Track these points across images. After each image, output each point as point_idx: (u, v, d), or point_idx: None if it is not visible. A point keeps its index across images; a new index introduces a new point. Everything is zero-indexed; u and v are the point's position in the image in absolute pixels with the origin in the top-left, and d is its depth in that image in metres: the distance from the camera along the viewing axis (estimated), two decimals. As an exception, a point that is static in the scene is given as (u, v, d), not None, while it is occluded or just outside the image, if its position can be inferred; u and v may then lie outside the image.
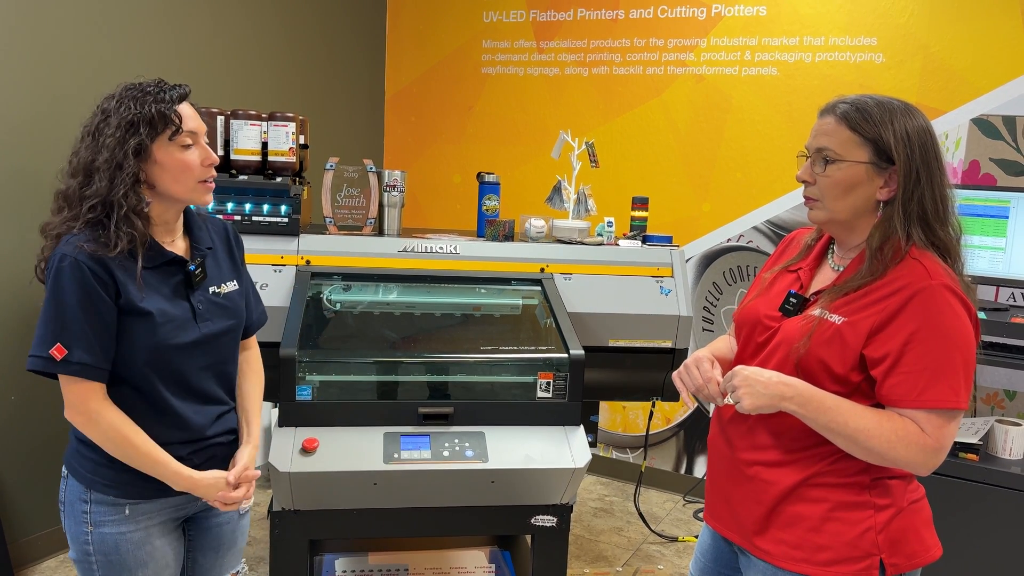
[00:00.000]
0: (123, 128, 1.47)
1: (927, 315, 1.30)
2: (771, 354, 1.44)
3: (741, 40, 3.69)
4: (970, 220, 2.87)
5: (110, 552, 1.56)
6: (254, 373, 1.80)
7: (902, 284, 1.33)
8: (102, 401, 1.50)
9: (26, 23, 2.77)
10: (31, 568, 2.92)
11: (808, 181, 1.42)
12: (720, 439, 1.55)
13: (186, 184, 1.54)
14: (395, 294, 2.56)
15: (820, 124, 1.42)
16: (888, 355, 1.32)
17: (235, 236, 1.77)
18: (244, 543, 1.83)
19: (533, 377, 2.24)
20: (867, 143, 1.36)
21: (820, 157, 1.40)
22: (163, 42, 3.27)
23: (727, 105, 3.72)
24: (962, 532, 2.62)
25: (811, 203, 1.43)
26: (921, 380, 1.30)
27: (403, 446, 2.12)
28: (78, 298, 1.45)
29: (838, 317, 1.37)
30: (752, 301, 1.54)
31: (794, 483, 1.42)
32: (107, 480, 1.55)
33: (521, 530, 2.34)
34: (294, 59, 3.94)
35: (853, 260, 1.42)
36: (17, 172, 2.80)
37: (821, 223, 1.46)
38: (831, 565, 1.39)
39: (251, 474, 1.66)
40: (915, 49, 3.37)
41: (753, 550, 1.47)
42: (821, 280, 1.48)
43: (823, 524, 1.39)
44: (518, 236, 2.76)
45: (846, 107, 1.39)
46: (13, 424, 2.86)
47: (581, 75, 4.05)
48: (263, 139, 2.61)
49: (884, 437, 1.31)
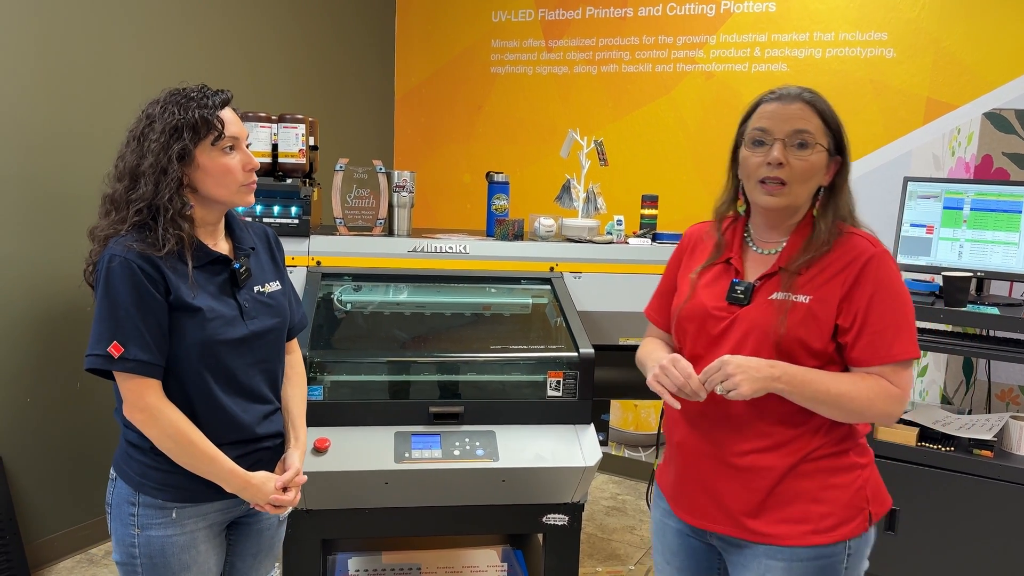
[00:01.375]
0: (167, 133, 1.50)
1: (879, 278, 1.43)
2: (741, 341, 1.48)
3: (751, 36, 3.68)
4: (983, 215, 2.85)
5: (155, 555, 1.58)
6: (298, 376, 1.82)
7: (854, 255, 1.44)
8: (160, 398, 1.52)
9: (41, 28, 2.79)
10: (48, 568, 2.94)
11: (783, 163, 1.45)
12: (696, 439, 1.54)
13: (229, 188, 1.57)
14: (405, 294, 2.57)
15: (788, 109, 1.46)
16: (855, 320, 1.43)
17: (275, 239, 1.80)
18: (279, 549, 1.84)
19: (543, 376, 2.24)
20: (830, 132, 1.47)
21: (797, 140, 1.44)
22: (174, 45, 3.29)
23: (737, 102, 3.71)
24: (977, 529, 2.60)
25: (777, 188, 1.46)
26: (886, 337, 1.42)
27: (414, 445, 2.13)
28: (130, 296, 1.47)
29: (804, 296, 1.45)
30: (692, 298, 1.57)
31: (791, 464, 1.47)
32: (156, 483, 1.57)
33: (533, 529, 2.34)
34: (305, 61, 3.96)
35: (791, 242, 1.50)
36: (43, 178, 2.83)
37: (778, 208, 1.49)
38: (835, 529, 1.46)
39: (301, 478, 1.67)
40: (926, 43, 3.35)
41: (751, 536, 1.49)
42: (755, 266, 1.54)
43: (822, 493, 1.47)
44: (527, 235, 2.76)
45: (812, 96, 1.47)
46: (29, 426, 2.88)
47: (590, 73, 4.05)
48: (273, 141, 2.63)
49: (863, 396, 1.42)
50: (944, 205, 2.93)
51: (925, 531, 2.68)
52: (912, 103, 3.39)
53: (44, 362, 2.89)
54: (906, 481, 2.70)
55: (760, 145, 1.47)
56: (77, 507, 3.07)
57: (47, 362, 2.90)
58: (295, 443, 1.72)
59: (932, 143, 3.36)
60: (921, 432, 2.75)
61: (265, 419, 1.67)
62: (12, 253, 2.79)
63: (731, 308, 1.50)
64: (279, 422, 1.72)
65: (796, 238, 1.50)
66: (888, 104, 3.43)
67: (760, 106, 1.51)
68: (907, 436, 2.73)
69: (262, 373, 1.67)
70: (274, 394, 1.72)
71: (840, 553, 1.48)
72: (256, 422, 1.65)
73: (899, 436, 2.74)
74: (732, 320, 1.50)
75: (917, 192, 2.97)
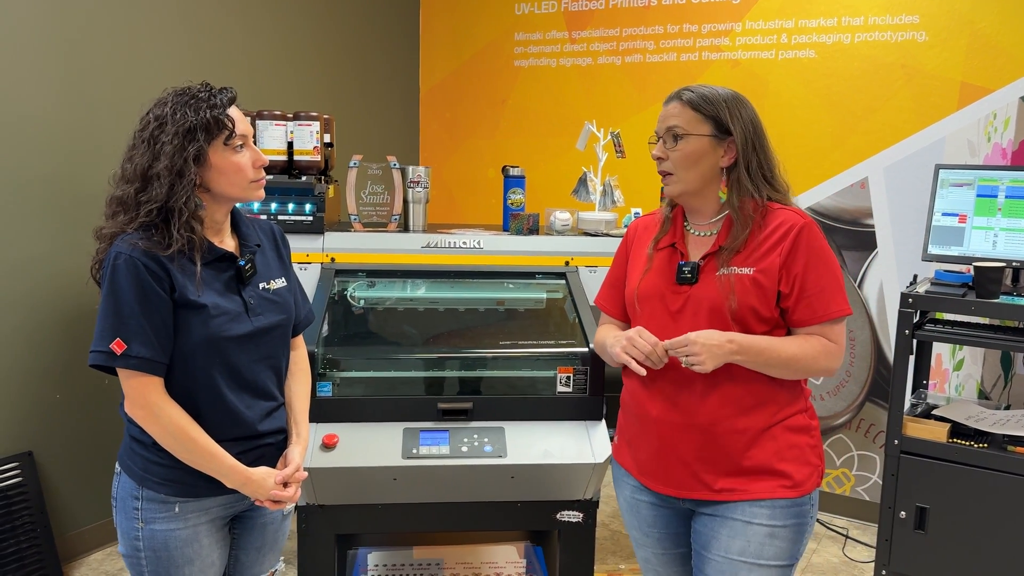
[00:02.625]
0: (181, 135, 1.51)
1: (811, 245, 1.60)
2: (695, 315, 1.63)
3: (777, 23, 3.59)
4: (1019, 203, 2.74)
5: (159, 548, 1.60)
6: (301, 372, 1.82)
7: (786, 227, 1.61)
8: (161, 395, 1.54)
9: (68, 31, 2.85)
10: (78, 561, 3.01)
11: (663, 157, 1.67)
12: (670, 412, 1.66)
13: (240, 185, 1.59)
14: (419, 290, 2.57)
15: (667, 109, 1.67)
16: (794, 285, 1.59)
17: (281, 236, 1.81)
18: (284, 543, 1.86)
19: (553, 372, 2.22)
20: (708, 119, 1.63)
21: (670, 135, 1.65)
22: (199, 45, 3.33)
23: (764, 90, 3.63)
24: (1011, 529, 2.51)
25: (667, 178, 1.67)
26: (824, 298, 1.59)
27: (422, 442, 2.12)
28: (134, 294, 1.49)
29: (748, 269, 1.61)
30: (644, 279, 1.72)
31: (761, 426, 1.62)
32: (158, 478, 1.58)
33: (547, 525, 2.32)
34: (331, 58, 3.98)
35: (724, 222, 1.66)
36: (71, 180, 2.89)
37: (676, 195, 1.69)
38: (801, 484, 1.64)
39: (301, 474, 1.68)
40: (960, 26, 3.23)
41: (727, 496, 1.63)
42: (696, 247, 1.70)
43: (787, 452, 1.63)
44: (543, 230, 2.74)
45: (689, 94, 1.65)
46: (59, 421, 2.95)
47: (614, 64, 4.00)
48: (289, 139, 2.64)
49: (809, 355, 1.59)
50: (977, 193, 2.82)
51: (956, 530, 2.59)
52: (945, 88, 3.27)
53: (72, 360, 2.95)
54: (936, 479, 2.61)
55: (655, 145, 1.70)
56: (106, 501, 3.10)
57: (75, 360, 2.96)
58: (296, 439, 1.73)
59: (967, 129, 3.25)
60: (952, 428, 2.66)
61: (268, 415, 1.68)
62: (42, 254, 2.85)
63: (681, 288, 1.66)
64: (282, 419, 1.73)
65: (729, 219, 1.66)
66: (920, 89, 3.32)
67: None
68: (937, 432, 2.64)
69: (267, 369, 1.68)
70: (278, 390, 1.73)
71: (806, 504, 1.65)
72: (259, 418, 1.66)
73: (929, 432, 2.65)
74: (686, 298, 1.65)
75: (949, 180, 2.87)
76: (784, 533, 1.63)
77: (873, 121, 3.41)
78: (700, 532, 1.70)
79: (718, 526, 1.65)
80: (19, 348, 2.82)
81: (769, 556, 1.63)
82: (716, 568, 1.66)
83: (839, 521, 3.59)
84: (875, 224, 3.47)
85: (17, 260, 2.79)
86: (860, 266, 3.51)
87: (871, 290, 3.50)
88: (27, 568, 2.75)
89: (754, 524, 1.62)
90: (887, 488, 2.70)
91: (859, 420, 3.58)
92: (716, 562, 1.66)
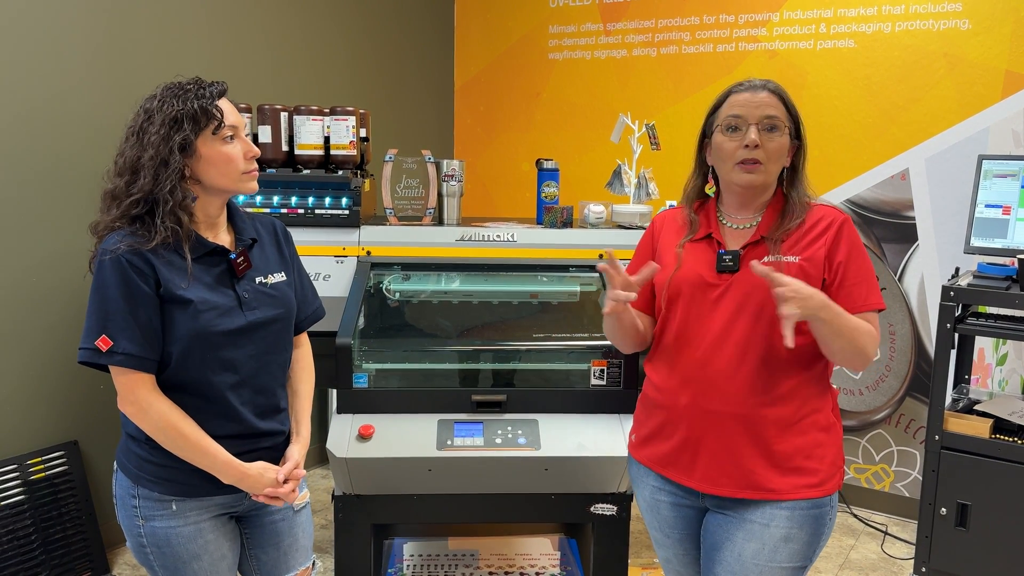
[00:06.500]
0: (167, 125, 1.51)
1: (851, 239, 1.64)
2: (741, 305, 1.62)
3: (816, 12, 3.54)
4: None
5: (163, 545, 1.60)
6: (304, 371, 1.81)
7: (828, 221, 1.64)
8: (151, 391, 1.54)
9: (100, 25, 2.91)
10: (122, 547, 3.09)
11: (759, 144, 1.61)
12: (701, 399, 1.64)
13: (231, 176, 1.58)
14: (453, 283, 2.58)
15: (759, 97, 1.63)
16: (837, 274, 1.62)
17: (284, 232, 1.80)
18: (309, 541, 1.83)
19: (587, 364, 2.22)
20: (791, 119, 1.65)
21: (768, 125, 1.61)
22: (235, 39, 3.38)
23: (802, 81, 3.58)
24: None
25: (755, 167, 1.62)
26: (863, 289, 1.62)
27: (456, 433, 2.14)
28: (120, 291, 1.49)
29: (793, 257, 1.62)
30: (679, 271, 1.70)
31: (791, 417, 1.62)
32: (152, 476, 1.58)
33: (581, 518, 2.33)
34: (366, 54, 4.01)
35: (767, 215, 1.68)
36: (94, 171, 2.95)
37: (757, 185, 1.65)
38: (824, 484, 1.63)
39: (300, 472, 1.68)
40: (1004, 13, 3.15)
41: (750, 494, 1.62)
42: (734, 238, 1.69)
43: (814, 451, 1.63)
44: (577, 223, 2.73)
45: (776, 86, 1.65)
46: (102, 412, 3.02)
47: (649, 56, 3.97)
48: (325, 134, 2.67)
49: (868, 334, 1.58)
50: (1022, 184, 2.76)
51: (998, 528, 2.54)
52: (989, 76, 3.20)
53: (116, 351, 3.02)
54: (978, 475, 2.57)
55: (735, 131, 1.63)
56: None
57: (119, 351, 3.03)
58: (296, 437, 1.73)
59: (1011, 118, 3.17)
60: (995, 424, 2.61)
61: (268, 413, 1.67)
62: (83, 245, 2.90)
63: (722, 276, 1.65)
64: (284, 421, 1.72)
65: (771, 212, 1.68)
66: (963, 78, 3.25)
67: (730, 97, 1.67)
68: (980, 428, 2.59)
69: (266, 365, 1.66)
70: (279, 387, 1.71)
71: (827, 505, 1.64)
72: (258, 416, 1.64)
73: (971, 428, 2.60)
74: (727, 287, 1.64)
75: (993, 171, 2.81)
76: (801, 536, 1.62)
77: (914, 111, 3.35)
78: (713, 531, 1.68)
79: (734, 528, 1.64)
80: (64, 340, 2.89)
81: (782, 559, 1.62)
82: (726, 569, 1.64)
83: (878, 517, 3.54)
84: (916, 216, 3.41)
85: (57, 252, 2.86)
86: (901, 259, 3.46)
87: (912, 283, 3.44)
88: (73, 553, 2.83)
89: (771, 527, 1.61)
90: (927, 484, 2.66)
91: (899, 415, 3.52)
92: (727, 563, 1.64)
